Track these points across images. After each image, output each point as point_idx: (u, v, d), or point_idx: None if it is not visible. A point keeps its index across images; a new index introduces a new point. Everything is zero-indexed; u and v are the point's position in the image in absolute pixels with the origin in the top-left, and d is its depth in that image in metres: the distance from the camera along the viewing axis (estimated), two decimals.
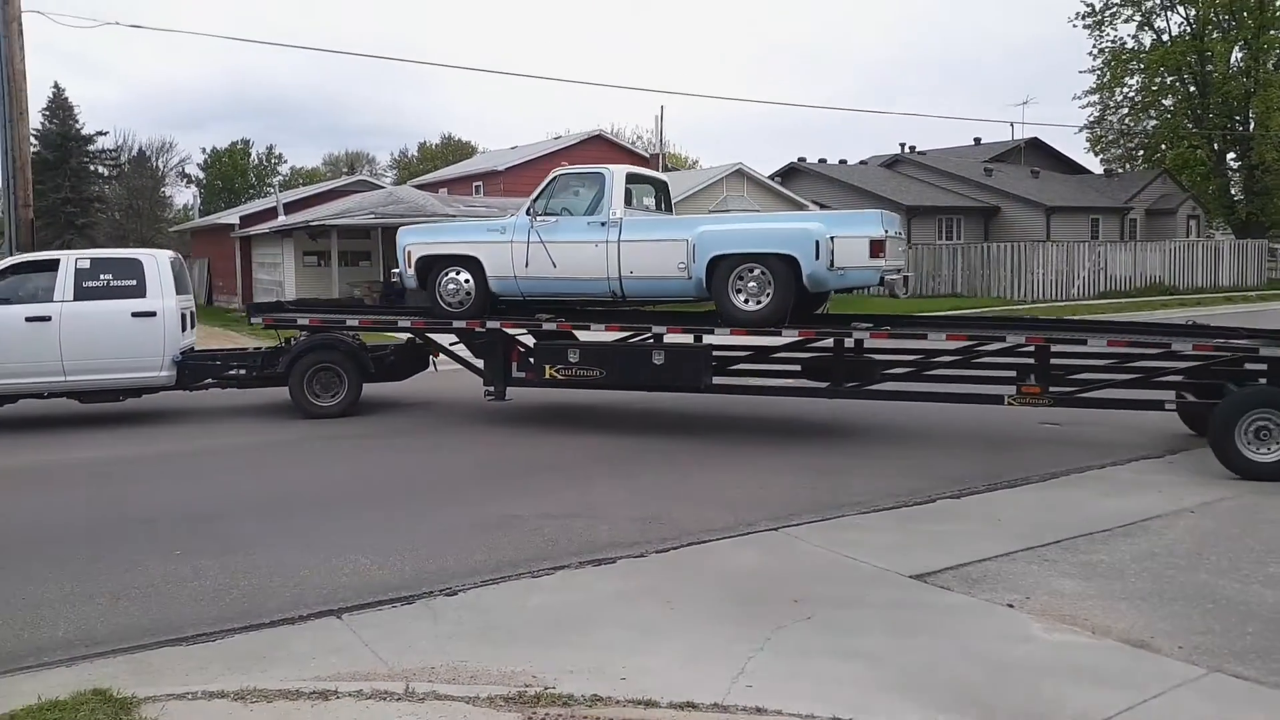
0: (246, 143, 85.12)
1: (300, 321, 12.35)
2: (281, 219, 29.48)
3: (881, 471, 8.79)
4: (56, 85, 71.14)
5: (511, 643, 4.98)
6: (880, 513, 7.44)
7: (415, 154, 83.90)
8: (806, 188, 38.68)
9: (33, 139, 56.75)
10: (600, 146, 40.03)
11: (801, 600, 5.53)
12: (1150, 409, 9.38)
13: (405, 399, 13.13)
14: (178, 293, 11.70)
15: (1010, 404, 9.47)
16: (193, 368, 11.92)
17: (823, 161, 45.05)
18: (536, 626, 5.21)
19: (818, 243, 9.45)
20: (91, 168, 74.60)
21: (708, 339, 10.69)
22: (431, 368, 13.03)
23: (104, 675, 4.57)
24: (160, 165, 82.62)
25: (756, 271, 9.78)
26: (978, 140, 51.70)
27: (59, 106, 70.71)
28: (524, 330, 11.39)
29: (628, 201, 10.74)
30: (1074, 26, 44.65)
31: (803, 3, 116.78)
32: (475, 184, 39.17)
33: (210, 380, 12.08)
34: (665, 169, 31.06)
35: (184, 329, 11.84)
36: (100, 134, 74.58)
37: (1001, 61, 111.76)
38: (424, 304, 11.86)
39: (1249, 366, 9.27)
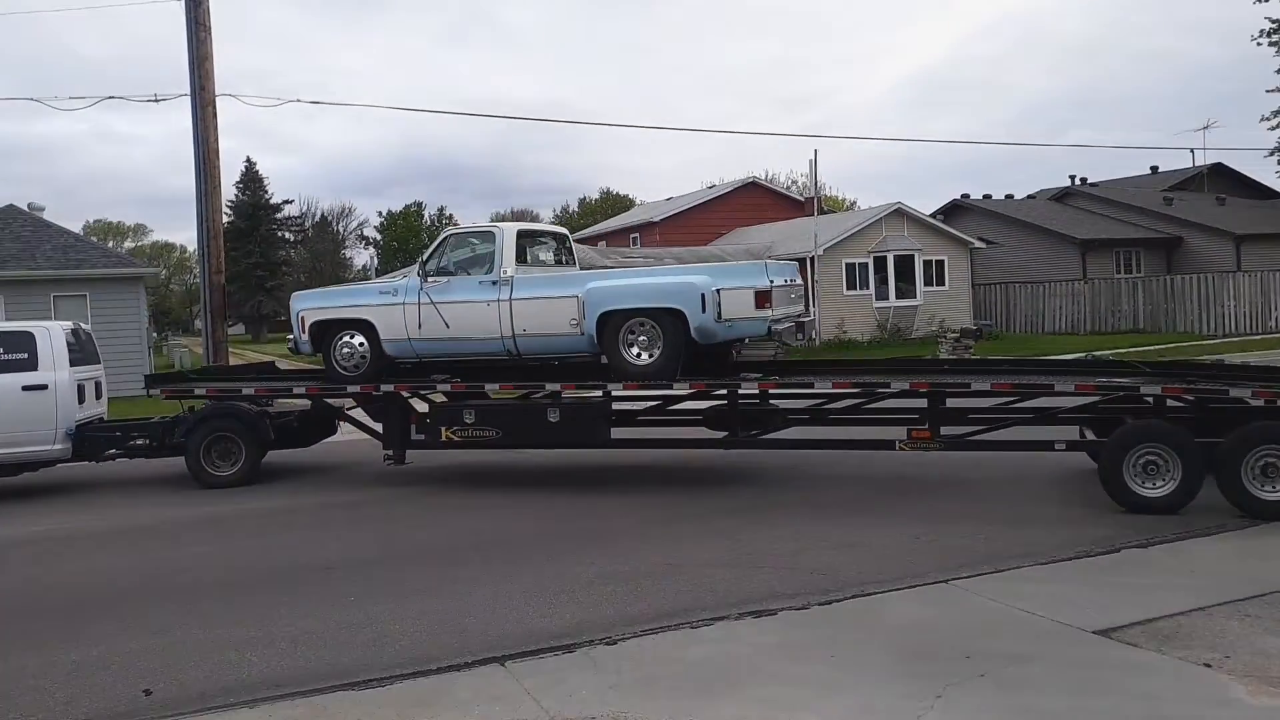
0: (419, 205, 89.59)
1: (197, 391, 12.24)
2: None
3: (1056, 518, 8.33)
4: (249, 159, 77.10)
5: (673, 694, 4.92)
6: (1059, 564, 7.03)
7: (576, 209, 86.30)
8: (971, 225, 37.55)
9: (227, 210, 61.12)
10: (754, 193, 40.11)
11: (974, 656, 5.26)
12: (1041, 449, 9.23)
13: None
14: (77, 364, 11.75)
15: (901, 449, 9.37)
16: (92, 439, 11.81)
17: (987, 197, 43.69)
18: (698, 678, 5.14)
19: (703, 295, 9.61)
20: (279, 234, 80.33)
21: (603, 393, 10.55)
22: (338, 433, 13.13)
23: (285, 718, 4.78)
24: (340, 229, 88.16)
25: (646, 326, 9.91)
26: (1154, 169, 49.09)
27: (251, 179, 76.65)
28: (423, 392, 11.27)
29: (523, 258, 10.84)
30: (1258, 45, 41.70)
31: (957, 39, 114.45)
32: (632, 235, 39.84)
33: (114, 451, 12.03)
34: (820, 212, 30.78)
35: (82, 400, 11.81)
36: (287, 202, 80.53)
37: (1177, 87, 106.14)
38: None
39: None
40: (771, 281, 9.74)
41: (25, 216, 28.25)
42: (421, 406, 11.39)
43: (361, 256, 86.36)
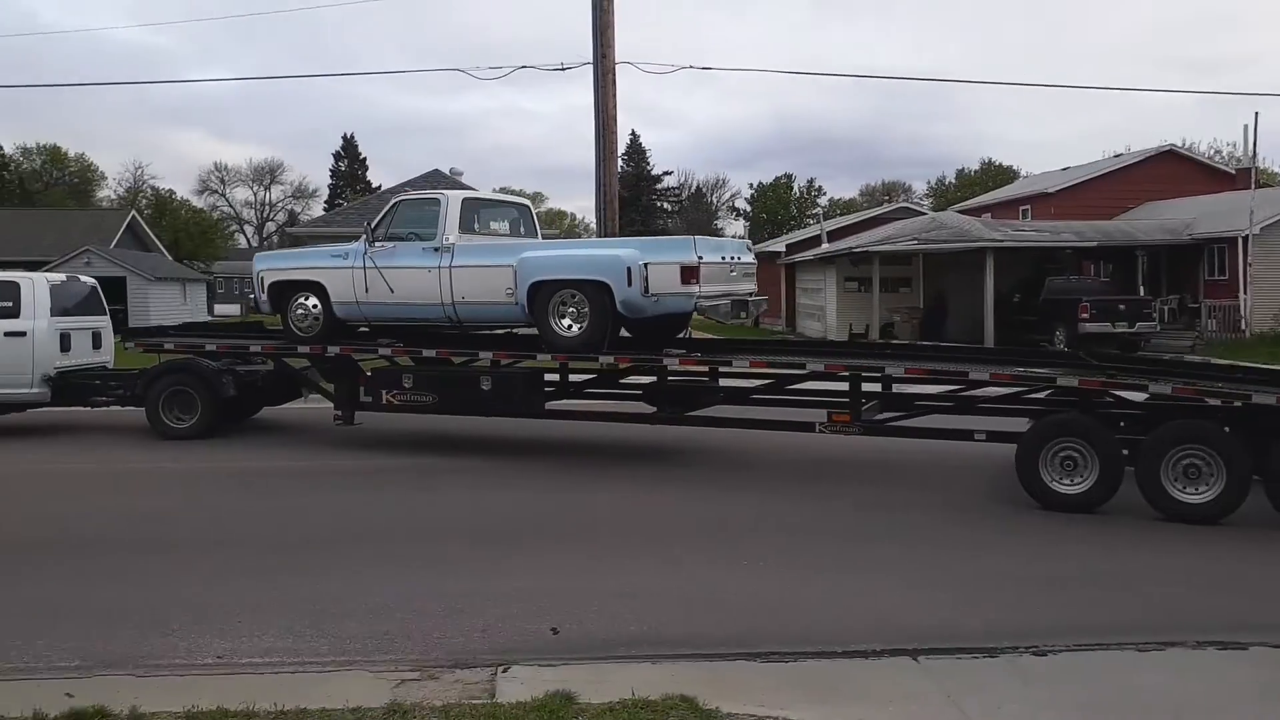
0: (789, 177, 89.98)
1: (166, 346, 12.64)
2: (825, 246, 30.31)
3: None
4: (633, 132, 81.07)
5: None
6: None
7: (953, 181, 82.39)
8: None
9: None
10: (1169, 163, 35.71)
11: None
12: (961, 439, 8.92)
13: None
14: (63, 314, 12.43)
15: (821, 431, 9.23)
16: (74, 386, 12.45)
17: None
18: (1152, 714, 4.33)
19: (629, 269, 9.46)
20: (658, 204, 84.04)
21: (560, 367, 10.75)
22: (303, 397, 13.06)
23: (684, 680, 4.61)
24: (714, 200, 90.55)
25: (575, 297, 9.79)
26: None
27: (635, 151, 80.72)
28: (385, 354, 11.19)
29: (470, 227, 10.78)
30: None
31: None
32: (1022, 208, 37.04)
33: (104, 398, 12.44)
34: (1257, 185, 26.59)
35: (67, 349, 12.43)
36: (666, 174, 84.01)
37: None
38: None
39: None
40: (700, 257, 9.50)
41: (448, 180, 31.65)
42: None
43: (733, 227, 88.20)
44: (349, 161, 79.04)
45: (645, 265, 9.46)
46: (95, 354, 13.18)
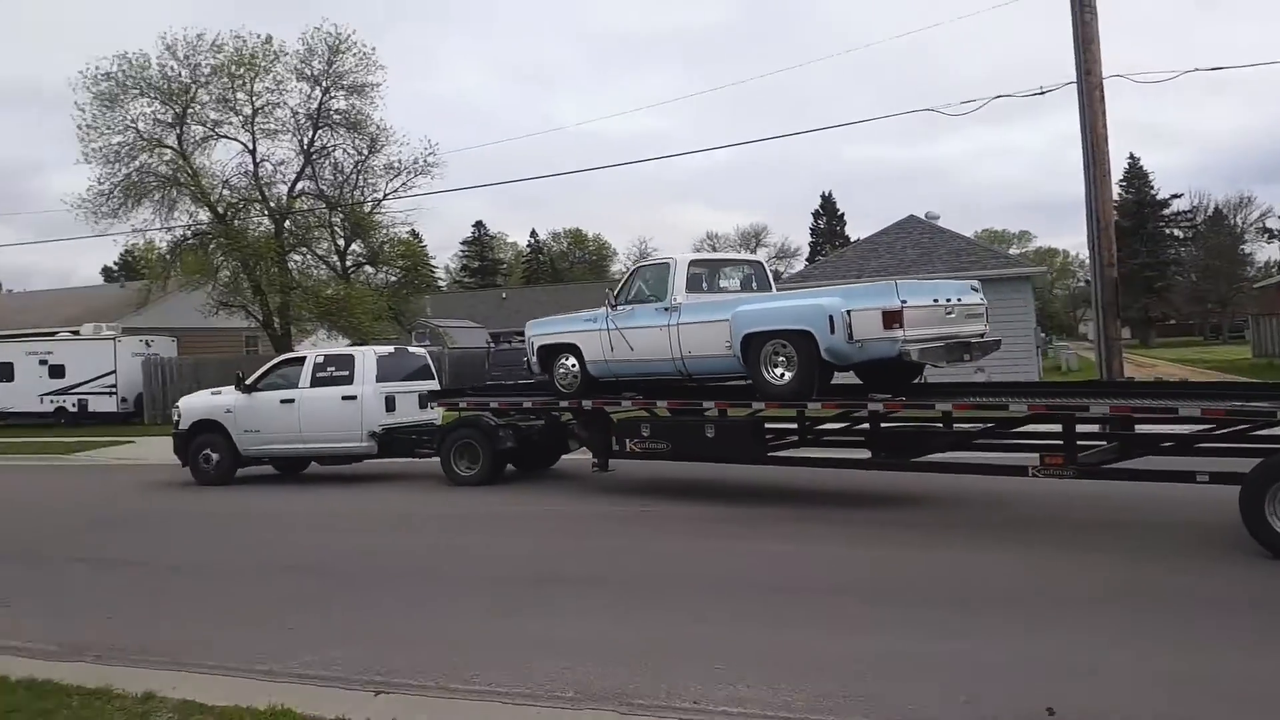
0: None
1: (461, 404, 14.59)
2: None
3: None
4: (1131, 155, 74.11)
5: None
6: None
7: None
8: None
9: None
10: None
11: None
12: (1183, 480, 8.21)
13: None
14: (387, 380, 14.78)
15: (1034, 475, 8.79)
16: (395, 440, 14.62)
17: None
18: None
19: (831, 317, 9.66)
20: (1167, 231, 75.52)
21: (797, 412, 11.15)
22: (570, 449, 14.11)
23: None
24: (1238, 222, 79.25)
25: (785, 347, 10.11)
26: None
27: (1134, 175, 73.72)
28: (639, 407, 12.15)
29: (699, 286, 11.53)
30: None
31: None
32: None
33: (422, 450, 14.35)
34: None
35: (391, 409, 14.72)
36: (1175, 197, 75.50)
37: None
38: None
39: None
40: (904, 301, 9.48)
41: (923, 225, 31.05)
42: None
43: (1266, 250, 76.26)
44: (828, 218, 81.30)
45: (848, 313, 9.65)
46: (422, 413, 15.34)
